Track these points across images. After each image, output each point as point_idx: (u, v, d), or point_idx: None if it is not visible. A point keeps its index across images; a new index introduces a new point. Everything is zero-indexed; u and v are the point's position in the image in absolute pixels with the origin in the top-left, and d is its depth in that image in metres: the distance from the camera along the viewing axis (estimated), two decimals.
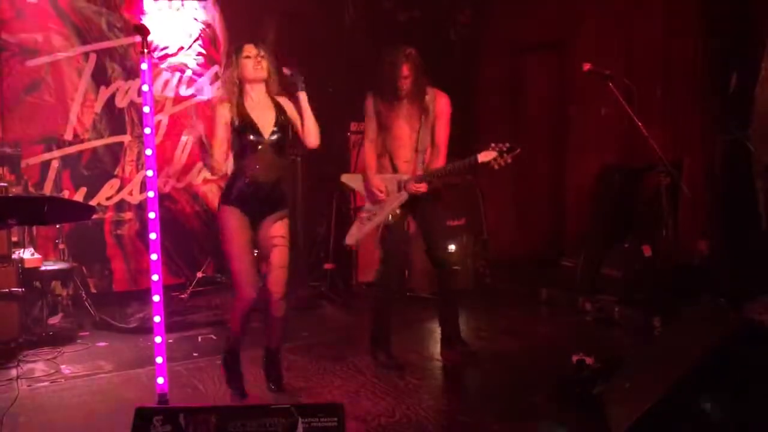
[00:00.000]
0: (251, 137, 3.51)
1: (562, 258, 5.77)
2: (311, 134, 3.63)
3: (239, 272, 3.56)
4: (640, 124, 4.12)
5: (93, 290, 5.74)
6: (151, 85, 2.87)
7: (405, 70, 3.96)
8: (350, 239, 4.29)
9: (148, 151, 2.88)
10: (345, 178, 4.44)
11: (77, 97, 5.70)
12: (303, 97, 3.59)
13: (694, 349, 2.89)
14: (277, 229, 3.63)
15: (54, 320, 4.92)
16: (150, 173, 2.91)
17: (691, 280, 4.82)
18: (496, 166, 3.82)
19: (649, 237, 5.22)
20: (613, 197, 5.75)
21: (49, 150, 5.61)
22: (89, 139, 5.78)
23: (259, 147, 3.52)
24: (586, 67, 4.22)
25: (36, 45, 5.50)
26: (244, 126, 3.50)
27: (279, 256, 3.64)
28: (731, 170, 4.93)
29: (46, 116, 5.59)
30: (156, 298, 2.92)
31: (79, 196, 5.73)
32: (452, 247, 5.50)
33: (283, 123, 3.60)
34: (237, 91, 3.57)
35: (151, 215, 2.90)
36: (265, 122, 3.55)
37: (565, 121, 6.56)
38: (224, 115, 3.52)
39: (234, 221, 3.54)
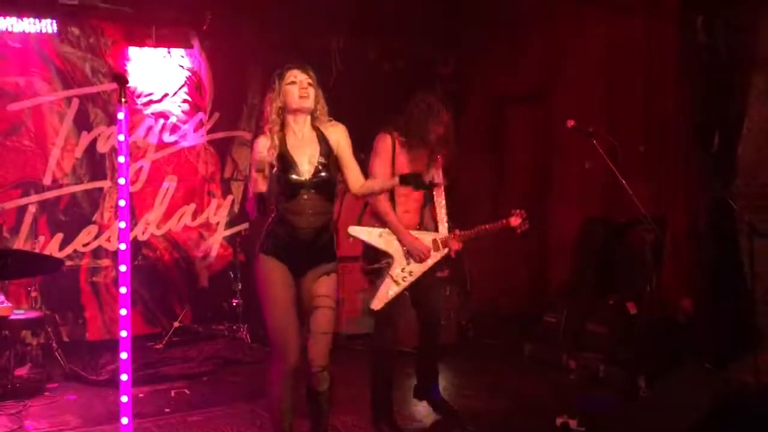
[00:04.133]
0: (292, 177, 3.07)
1: (545, 312, 5.68)
2: (369, 189, 3.30)
3: (280, 333, 3.04)
4: (624, 182, 4.09)
5: (65, 339, 5.60)
6: (127, 135, 2.81)
7: (446, 117, 3.88)
8: (379, 304, 3.79)
9: (122, 202, 2.80)
10: (354, 231, 3.84)
11: (58, 141, 5.65)
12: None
13: (681, 413, 2.81)
14: (321, 287, 3.13)
15: (21, 371, 4.73)
16: (123, 225, 2.81)
17: (675, 339, 4.75)
18: (519, 231, 3.97)
19: (634, 293, 5.16)
20: (596, 251, 5.69)
21: (27, 194, 5.53)
22: (68, 185, 5.71)
23: (301, 189, 3.08)
24: (570, 123, 4.21)
25: (17, 89, 5.46)
26: (283, 165, 3.08)
27: (322, 319, 3.12)
28: (715, 228, 4.91)
29: (25, 160, 5.53)
30: (124, 355, 2.80)
31: (55, 242, 5.64)
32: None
33: (328, 160, 3.14)
34: (279, 123, 3.14)
35: (122, 268, 2.80)
36: (308, 160, 3.11)
37: (547, 174, 6.56)
38: (260, 150, 3.11)
39: (274, 272, 3.08)
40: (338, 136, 3.20)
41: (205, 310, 6.21)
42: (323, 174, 3.10)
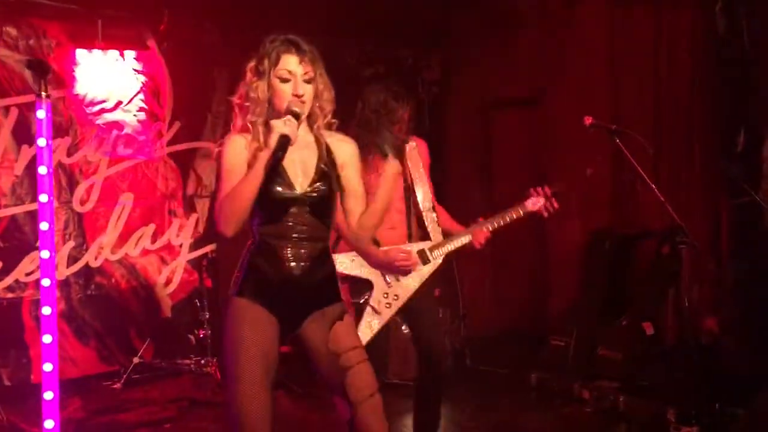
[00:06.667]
0: (279, 190, 2.30)
1: (550, 336, 5.15)
2: (370, 219, 2.44)
3: (245, 416, 2.21)
4: (654, 187, 3.55)
5: (7, 382, 4.93)
6: (49, 138, 2.20)
7: (406, 113, 3.22)
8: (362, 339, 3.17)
9: (44, 225, 2.17)
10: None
11: None
12: (392, 167, 2.44)
13: None
14: (344, 339, 2.36)
15: None
16: (46, 254, 2.19)
17: (701, 364, 4.24)
18: (546, 214, 3.38)
19: (650, 312, 4.69)
20: (604, 267, 5.19)
21: None
22: (7, 206, 5.04)
23: (292, 207, 2.33)
24: (588, 120, 3.65)
25: None
26: (269, 174, 2.27)
27: (364, 378, 2.36)
28: (740, 237, 4.44)
29: None
30: (50, 424, 2.16)
31: None
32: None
33: (328, 172, 2.40)
34: (263, 116, 2.34)
35: (46, 311, 2.17)
36: (302, 170, 2.36)
37: (542, 182, 6.05)
38: (240, 152, 2.32)
39: (248, 324, 2.28)
40: (348, 154, 2.46)
41: (169, 343, 5.56)
42: (322, 187, 2.36)
